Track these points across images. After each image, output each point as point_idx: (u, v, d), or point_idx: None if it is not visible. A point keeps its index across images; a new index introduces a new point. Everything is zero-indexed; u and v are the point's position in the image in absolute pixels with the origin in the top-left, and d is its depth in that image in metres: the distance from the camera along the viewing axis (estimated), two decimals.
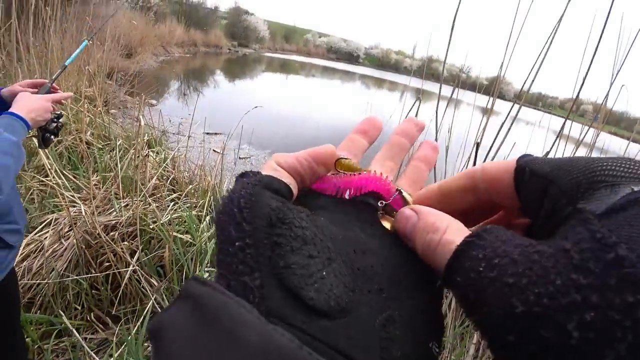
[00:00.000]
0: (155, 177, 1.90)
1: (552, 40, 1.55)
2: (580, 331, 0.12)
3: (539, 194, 0.19)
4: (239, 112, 2.65)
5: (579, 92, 1.62)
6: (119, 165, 1.92)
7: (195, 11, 22.04)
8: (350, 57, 55.41)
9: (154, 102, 6.11)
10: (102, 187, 2.07)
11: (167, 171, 2.10)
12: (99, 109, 2.89)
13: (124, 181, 1.94)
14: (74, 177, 2.21)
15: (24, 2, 2.49)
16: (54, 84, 1.21)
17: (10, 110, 1.01)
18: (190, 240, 1.71)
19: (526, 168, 0.20)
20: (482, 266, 0.16)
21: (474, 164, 1.69)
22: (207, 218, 1.90)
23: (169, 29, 14.13)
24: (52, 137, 1.22)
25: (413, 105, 1.82)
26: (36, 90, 1.16)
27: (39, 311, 1.61)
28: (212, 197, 2.00)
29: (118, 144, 2.21)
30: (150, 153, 2.36)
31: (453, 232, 0.19)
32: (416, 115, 1.81)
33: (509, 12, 1.68)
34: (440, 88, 1.76)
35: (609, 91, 1.69)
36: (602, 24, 1.43)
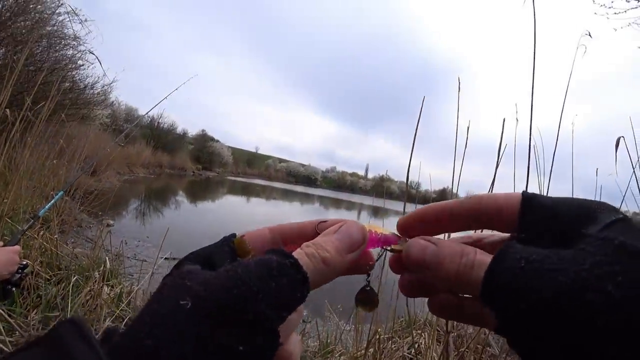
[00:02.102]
0: (109, 319, 1.73)
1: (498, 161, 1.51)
2: (619, 290, 0.18)
3: (547, 220, 0.24)
4: (200, 236, 2.63)
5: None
6: (69, 305, 1.75)
7: (165, 135, 23.46)
8: (309, 180, 59.11)
9: (111, 221, 5.89)
10: (42, 329, 1.82)
11: (123, 310, 1.93)
12: (55, 235, 2.73)
13: None
14: (9, 315, 1.94)
15: None
16: None
17: None
18: None
19: (533, 200, 0.26)
20: (523, 263, 0.21)
21: None
22: None
23: (137, 150, 14.64)
24: (14, 288, 1.14)
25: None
26: (2, 243, 1.12)
27: None
28: None
29: (73, 279, 2.04)
30: (105, 287, 2.19)
31: (481, 253, 0.24)
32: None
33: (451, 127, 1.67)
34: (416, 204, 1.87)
35: None
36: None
